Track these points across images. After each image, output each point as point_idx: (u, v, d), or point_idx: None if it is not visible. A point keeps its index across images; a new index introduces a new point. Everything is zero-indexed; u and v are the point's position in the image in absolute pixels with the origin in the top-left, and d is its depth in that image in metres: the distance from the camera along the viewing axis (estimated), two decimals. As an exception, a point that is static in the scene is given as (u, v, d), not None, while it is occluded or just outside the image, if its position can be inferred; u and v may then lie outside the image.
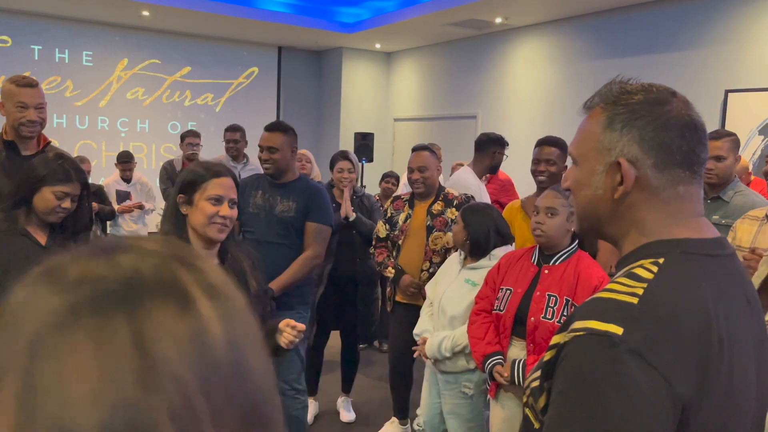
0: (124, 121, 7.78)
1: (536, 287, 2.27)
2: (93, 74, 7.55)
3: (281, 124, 2.99)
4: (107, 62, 7.63)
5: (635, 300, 0.78)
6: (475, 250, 2.64)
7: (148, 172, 6.70)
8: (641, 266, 0.83)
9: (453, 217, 3.04)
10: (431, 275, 2.99)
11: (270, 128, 2.94)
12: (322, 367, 3.82)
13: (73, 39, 7.40)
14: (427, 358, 2.66)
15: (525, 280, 2.32)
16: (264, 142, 2.88)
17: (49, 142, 2.83)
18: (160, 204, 3.99)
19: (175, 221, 1.72)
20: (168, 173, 4.91)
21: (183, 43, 8.05)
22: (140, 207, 5.38)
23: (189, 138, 5.07)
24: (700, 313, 0.78)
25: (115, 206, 5.17)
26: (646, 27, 5.48)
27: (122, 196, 5.34)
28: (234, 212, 1.75)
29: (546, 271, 2.29)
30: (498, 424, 2.40)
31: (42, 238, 2.06)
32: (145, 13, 6.86)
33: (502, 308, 2.32)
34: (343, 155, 3.70)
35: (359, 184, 4.03)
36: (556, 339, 0.82)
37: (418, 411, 2.85)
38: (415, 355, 2.67)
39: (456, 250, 2.80)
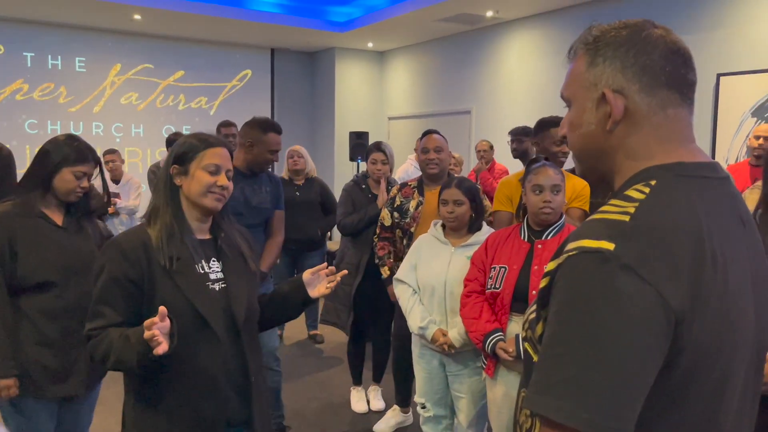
0: (118, 126, 7.77)
1: (533, 262, 2.27)
2: (86, 80, 7.54)
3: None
4: (100, 68, 7.62)
5: (627, 218, 0.78)
6: (477, 226, 2.66)
7: (144, 177, 6.68)
8: (633, 189, 0.83)
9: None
10: None
11: (280, 131, 3.09)
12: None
13: (66, 45, 7.40)
14: (453, 350, 2.58)
15: (519, 257, 2.32)
16: (278, 146, 3.05)
17: None
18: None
19: (169, 193, 1.67)
20: (156, 176, 4.91)
21: (175, 47, 8.05)
22: (116, 196, 5.30)
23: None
24: (692, 229, 0.77)
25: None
26: (638, 15, 5.48)
27: (111, 197, 5.34)
28: (231, 183, 1.70)
29: (539, 246, 2.30)
30: (498, 402, 2.38)
31: (58, 219, 2.12)
32: (137, 16, 6.86)
33: (497, 286, 2.30)
34: (377, 147, 3.71)
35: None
36: (550, 266, 0.81)
37: (417, 398, 2.81)
38: (442, 347, 2.62)
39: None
